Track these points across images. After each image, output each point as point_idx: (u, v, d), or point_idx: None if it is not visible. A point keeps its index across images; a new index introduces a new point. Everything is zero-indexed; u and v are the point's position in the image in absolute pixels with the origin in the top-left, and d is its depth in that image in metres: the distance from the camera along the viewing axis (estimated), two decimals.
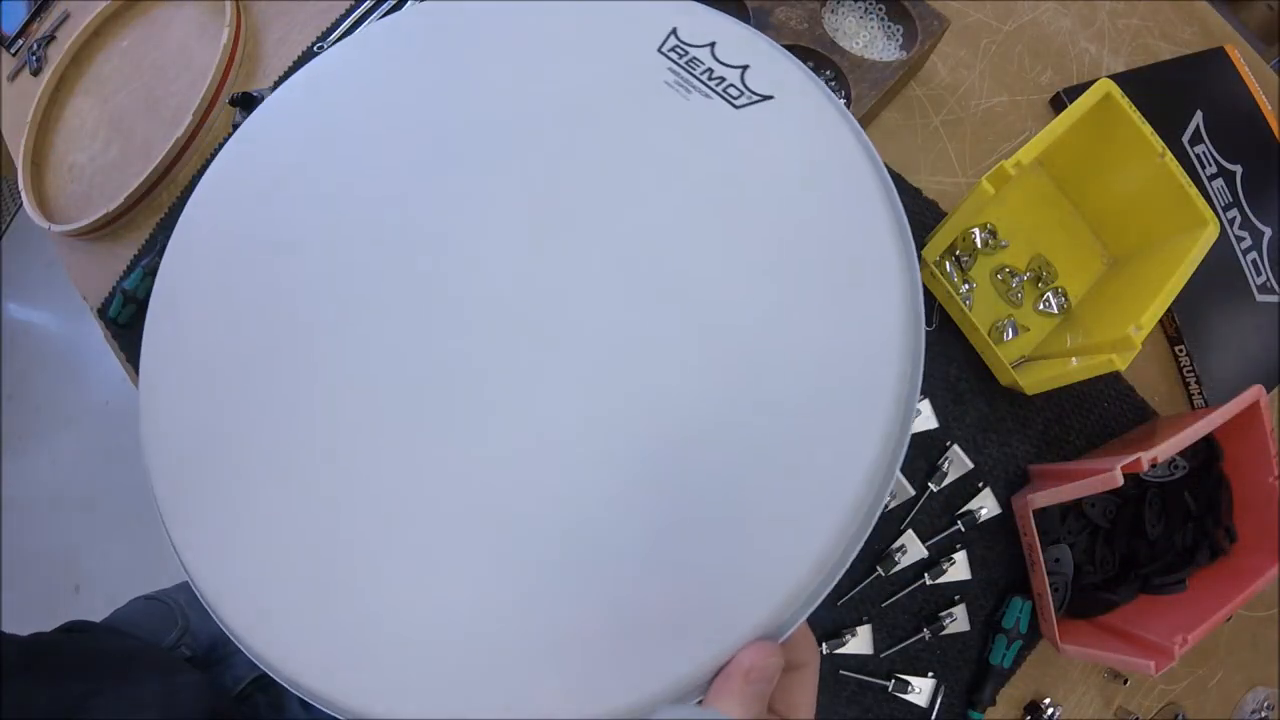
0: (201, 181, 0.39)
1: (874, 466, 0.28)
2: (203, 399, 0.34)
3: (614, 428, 0.29)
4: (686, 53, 0.34)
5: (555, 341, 0.31)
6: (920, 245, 0.52)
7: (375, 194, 0.35)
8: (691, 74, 0.34)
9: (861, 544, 0.28)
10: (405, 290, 0.34)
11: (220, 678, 0.50)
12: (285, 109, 0.40)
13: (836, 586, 0.51)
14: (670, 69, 0.34)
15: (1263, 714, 0.53)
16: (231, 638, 0.31)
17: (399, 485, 0.31)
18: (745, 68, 0.34)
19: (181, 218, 0.38)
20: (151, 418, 0.35)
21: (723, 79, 0.34)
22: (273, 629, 0.30)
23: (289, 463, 0.32)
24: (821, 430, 0.28)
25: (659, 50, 0.35)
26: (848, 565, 0.28)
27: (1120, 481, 0.40)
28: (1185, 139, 0.57)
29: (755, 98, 0.33)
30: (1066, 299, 0.54)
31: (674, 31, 0.35)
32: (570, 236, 0.33)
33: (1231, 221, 0.56)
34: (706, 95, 0.34)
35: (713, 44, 0.34)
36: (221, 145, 0.40)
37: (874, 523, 0.28)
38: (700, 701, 0.26)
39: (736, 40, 0.35)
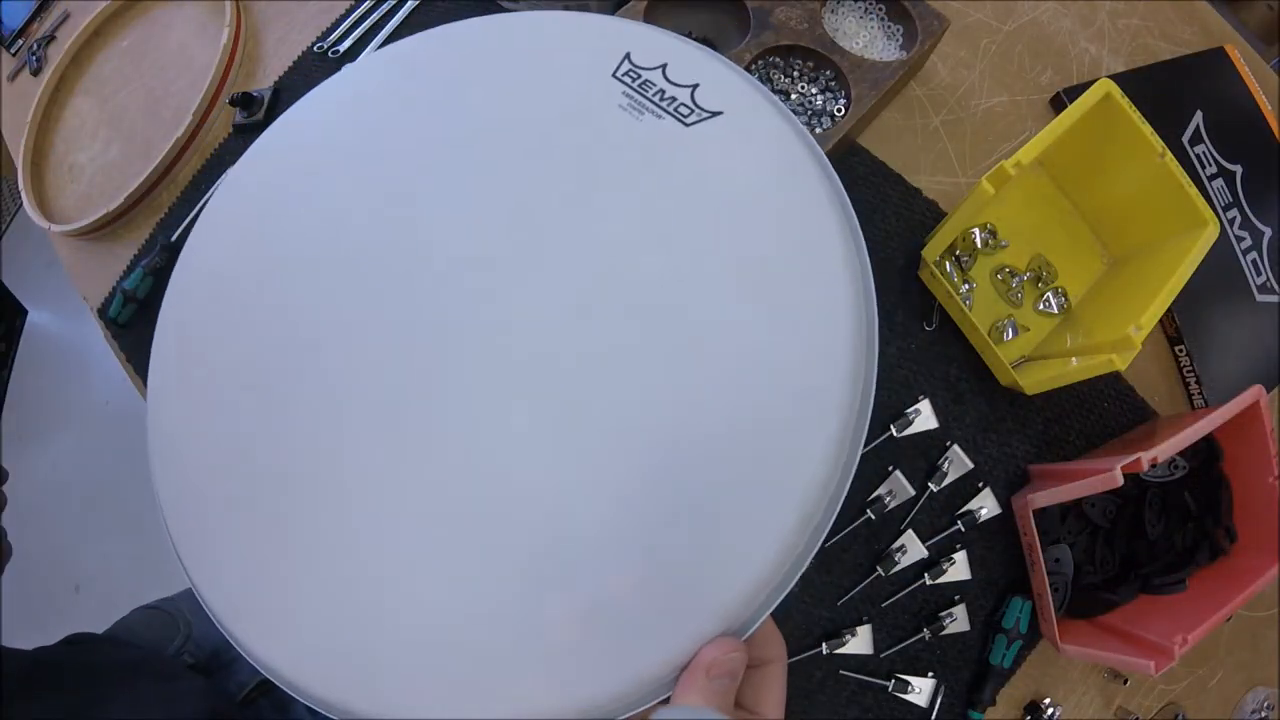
0: (206, 210, 0.40)
1: (828, 468, 0.29)
2: (208, 418, 0.35)
3: (585, 440, 0.31)
4: (639, 76, 0.36)
5: (528, 360, 0.33)
6: (920, 245, 0.52)
7: (360, 221, 0.37)
8: (644, 96, 0.35)
9: (819, 544, 0.29)
10: (393, 313, 0.35)
11: (224, 683, 0.50)
12: (267, 156, 0.41)
13: (837, 586, 0.51)
14: (624, 93, 0.36)
15: (1263, 714, 0.53)
16: (236, 646, 0.31)
17: (394, 498, 0.32)
18: (695, 86, 0.35)
19: (187, 245, 0.39)
20: (158, 435, 0.36)
21: (674, 99, 0.35)
22: (276, 637, 0.31)
23: (291, 477, 0.33)
24: (775, 434, 0.29)
25: (614, 75, 0.36)
26: (807, 563, 0.29)
27: (1120, 481, 0.40)
28: (1185, 139, 0.57)
29: (705, 114, 0.35)
30: (1066, 299, 0.54)
31: (628, 56, 0.36)
32: (538, 260, 0.34)
33: (1231, 221, 0.56)
34: (658, 115, 0.35)
35: (664, 65, 0.36)
36: (217, 151, 0.40)
37: (830, 523, 0.29)
38: (668, 699, 0.27)
39: (687, 60, 0.36)
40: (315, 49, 0.66)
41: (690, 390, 0.31)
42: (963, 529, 0.50)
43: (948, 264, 0.54)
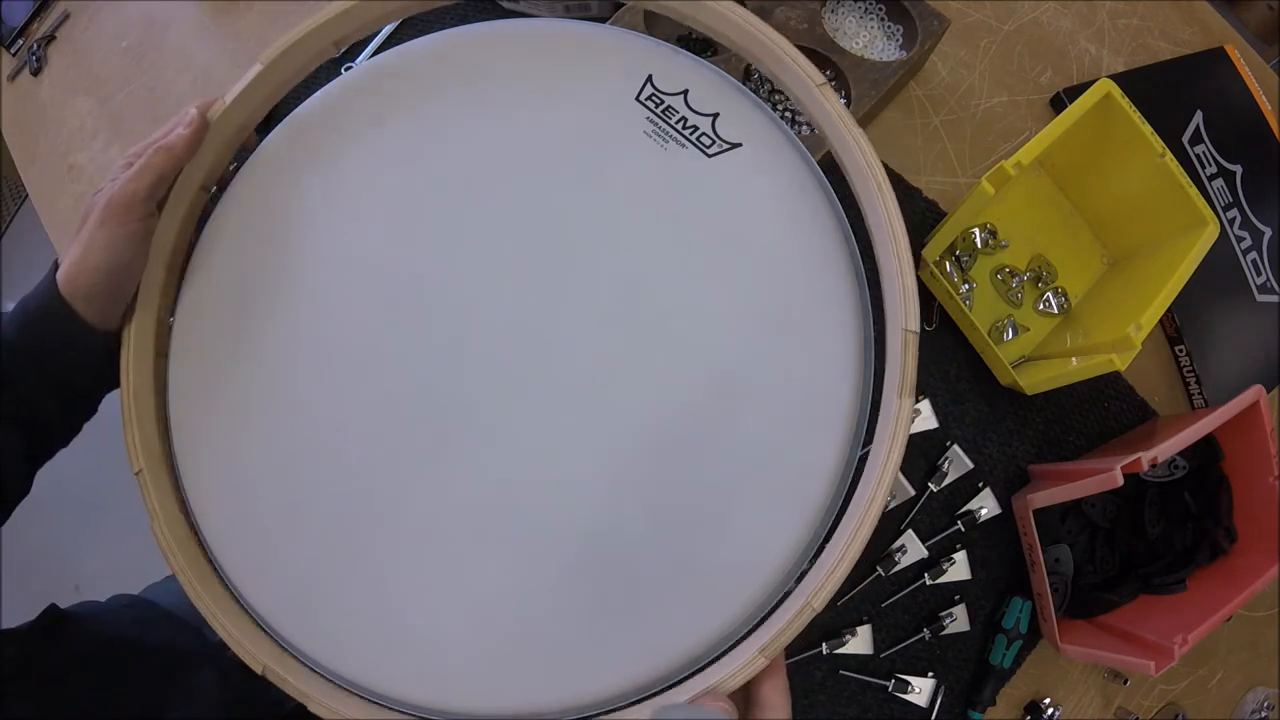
0: (210, 225, 0.38)
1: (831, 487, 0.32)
2: (244, 444, 0.35)
3: (623, 457, 0.33)
4: (662, 101, 0.36)
5: (552, 379, 0.34)
6: (920, 245, 0.52)
7: (381, 243, 0.37)
8: (667, 123, 0.36)
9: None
10: (419, 330, 0.35)
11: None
12: (286, 161, 0.40)
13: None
14: (648, 118, 0.36)
15: (1263, 714, 0.53)
16: (300, 658, 0.32)
17: (429, 512, 0.33)
18: (716, 115, 0.36)
19: (194, 260, 0.38)
20: (193, 470, 0.35)
21: (696, 128, 0.36)
22: (327, 636, 0.33)
23: (351, 505, 0.34)
24: (785, 449, 0.32)
25: (637, 99, 0.36)
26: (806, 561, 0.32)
27: (1120, 481, 0.40)
28: (1185, 139, 0.57)
29: (726, 146, 0.35)
30: (1066, 299, 0.54)
31: (650, 79, 0.36)
32: (569, 286, 0.35)
33: (1231, 221, 0.56)
34: (681, 145, 0.36)
35: (685, 91, 0.36)
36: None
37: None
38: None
39: (707, 87, 0.36)
40: None
41: (713, 414, 0.33)
42: (963, 529, 0.50)
43: (948, 264, 0.54)
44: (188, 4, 0.72)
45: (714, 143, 0.35)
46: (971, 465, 0.51)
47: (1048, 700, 0.50)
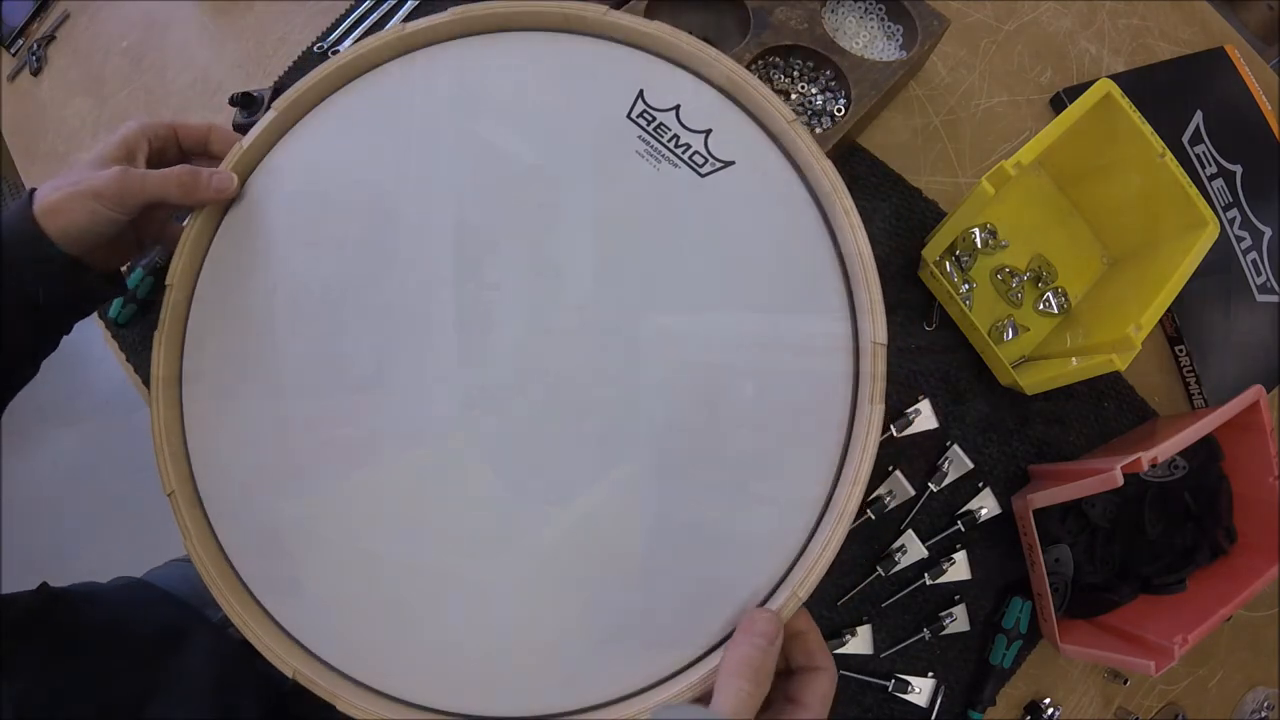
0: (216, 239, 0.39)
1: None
2: (258, 460, 0.35)
3: (615, 473, 0.33)
4: (654, 118, 0.36)
5: (551, 394, 0.34)
6: (920, 245, 0.52)
7: (371, 259, 0.37)
8: (660, 141, 0.35)
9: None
10: (415, 347, 0.35)
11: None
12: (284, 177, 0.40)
13: (837, 586, 0.51)
14: (640, 136, 0.36)
15: (1263, 714, 0.53)
16: (325, 664, 0.33)
17: (440, 527, 0.34)
18: (709, 132, 0.35)
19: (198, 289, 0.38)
20: (211, 487, 0.35)
21: (688, 146, 0.35)
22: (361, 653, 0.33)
23: (357, 520, 0.35)
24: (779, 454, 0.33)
25: (628, 117, 0.36)
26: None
27: (1120, 481, 0.40)
28: (1185, 139, 0.57)
29: (719, 164, 0.35)
30: (1066, 299, 0.54)
31: (641, 95, 0.36)
32: (564, 308, 0.35)
33: (1231, 221, 0.56)
34: (674, 164, 0.35)
35: (677, 107, 0.36)
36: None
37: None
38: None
39: (699, 101, 0.36)
40: (315, 49, 0.66)
41: (712, 425, 0.33)
42: (963, 529, 0.50)
43: (948, 264, 0.54)
44: (188, 4, 0.72)
45: (707, 161, 0.35)
46: (971, 465, 0.51)
47: (1048, 700, 0.50)
